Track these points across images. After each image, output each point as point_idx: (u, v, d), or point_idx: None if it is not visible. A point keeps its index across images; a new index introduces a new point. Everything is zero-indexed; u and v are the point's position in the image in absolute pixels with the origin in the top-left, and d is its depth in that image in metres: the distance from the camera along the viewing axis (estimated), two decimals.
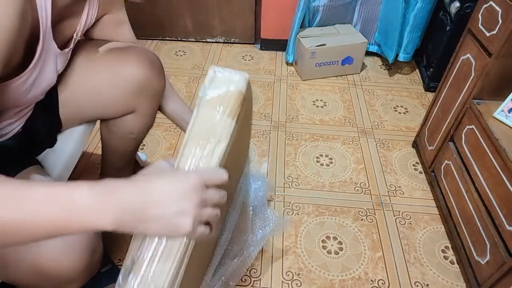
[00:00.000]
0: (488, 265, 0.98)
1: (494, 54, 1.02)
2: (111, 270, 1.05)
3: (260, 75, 2.01)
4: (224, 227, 0.85)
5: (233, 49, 2.23)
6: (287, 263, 1.15)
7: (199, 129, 0.51)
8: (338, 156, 1.53)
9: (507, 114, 1.02)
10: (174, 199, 0.45)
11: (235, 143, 0.56)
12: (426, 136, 1.43)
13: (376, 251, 1.19)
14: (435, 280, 1.12)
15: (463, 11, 1.59)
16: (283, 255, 1.17)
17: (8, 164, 0.72)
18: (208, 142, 0.51)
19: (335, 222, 1.27)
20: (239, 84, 0.53)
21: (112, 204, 0.43)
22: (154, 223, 0.44)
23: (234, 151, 0.59)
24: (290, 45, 1.97)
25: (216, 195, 0.49)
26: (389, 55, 1.94)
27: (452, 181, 1.20)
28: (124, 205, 0.43)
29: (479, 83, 1.08)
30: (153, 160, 1.46)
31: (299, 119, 1.72)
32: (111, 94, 0.86)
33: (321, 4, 1.91)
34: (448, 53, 1.35)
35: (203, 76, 1.98)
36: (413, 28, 1.82)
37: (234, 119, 0.52)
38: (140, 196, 0.44)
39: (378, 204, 1.34)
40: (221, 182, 0.49)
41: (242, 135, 0.67)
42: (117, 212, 0.43)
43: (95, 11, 0.79)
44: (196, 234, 0.48)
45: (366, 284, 1.11)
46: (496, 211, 0.96)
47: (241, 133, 0.61)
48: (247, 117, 0.66)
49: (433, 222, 1.28)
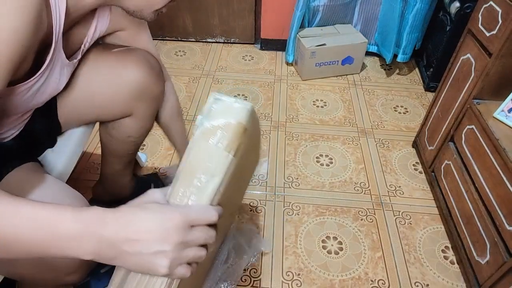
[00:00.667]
0: (488, 265, 0.98)
1: (494, 54, 1.02)
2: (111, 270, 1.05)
3: (260, 75, 2.01)
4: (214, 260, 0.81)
5: (233, 49, 2.23)
6: (287, 263, 1.15)
7: (192, 162, 0.47)
8: (338, 156, 1.53)
9: (507, 114, 1.02)
10: (154, 238, 0.44)
11: (234, 178, 0.52)
12: (426, 136, 1.43)
13: (376, 251, 1.19)
14: (435, 280, 1.12)
15: (463, 11, 1.59)
16: (283, 255, 1.17)
17: (8, 161, 0.72)
18: (201, 176, 0.47)
19: (335, 222, 1.27)
20: (240, 115, 0.48)
21: (92, 236, 0.43)
22: (132, 258, 0.44)
23: (233, 185, 0.54)
24: (290, 45, 1.97)
25: (202, 236, 0.47)
26: (387, 56, 1.94)
27: (452, 181, 1.20)
28: (104, 238, 0.43)
29: (479, 83, 1.08)
30: (153, 160, 1.46)
31: (299, 119, 1.72)
32: (108, 97, 0.86)
33: (321, 4, 1.91)
34: (448, 53, 1.36)
35: (203, 76, 1.98)
36: (412, 29, 1.82)
37: (231, 153, 0.47)
38: (121, 230, 0.44)
39: (378, 204, 1.34)
40: (209, 222, 0.47)
41: (244, 168, 0.62)
42: (96, 244, 0.43)
43: (105, 26, 0.78)
44: (175, 276, 0.46)
45: (366, 284, 1.11)
46: (496, 211, 0.96)
47: (242, 166, 0.56)
48: (251, 149, 0.61)
49: (433, 222, 1.28)
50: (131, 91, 0.85)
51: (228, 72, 2.03)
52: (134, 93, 0.86)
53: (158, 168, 1.43)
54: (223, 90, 1.88)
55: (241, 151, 0.50)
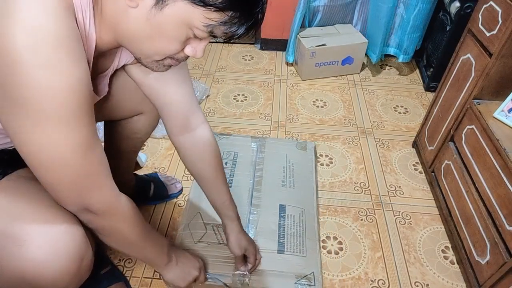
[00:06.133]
0: (488, 265, 0.98)
1: (494, 54, 1.02)
2: (111, 271, 1.05)
3: (260, 75, 2.01)
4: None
5: (233, 49, 2.23)
6: None
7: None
8: (338, 156, 1.53)
9: (507, 114, 1.02)
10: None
11: None
12: (426, 136, 1.43)
13: (376, 251, 1.19)
14: (435, 280, 1.12)
15: (463, 11, 1.59)
16: None
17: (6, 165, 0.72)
18: None
19: (335, 222, 1.27)
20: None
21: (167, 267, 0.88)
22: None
23: None
24: (290, 45, 1.97)
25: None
26: (372, 56, 1.95)
27: (452, 181, 1.20)
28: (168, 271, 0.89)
29: (479, 83, 1.08)
30: (153, 160, 1.46)
31: (299, 119, 1.72)
32: (121, 97, 0.86)
33: (321, 4, 1.91)
34: (448, 53, 1.35)
35: (203, 76, 1.98)
36: (412, 29, 1.82)
37: None
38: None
39: (378, 204, 1.34)
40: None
41: None
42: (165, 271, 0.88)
43: (130, 58, 0.76)
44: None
45: (366, 284, 1.11)
46: (496, 211, 0.96)
47: None
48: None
49: (433, 222, 1.28)
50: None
51: (228, 72, 2.03)
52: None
53: (158, 168, 1.43)
54: (223, 90, 1.88)
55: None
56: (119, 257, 1.13)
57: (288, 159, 1.38)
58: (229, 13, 0.52)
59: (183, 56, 0.61)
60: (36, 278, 0.62)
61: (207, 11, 0.51)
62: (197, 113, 0.85)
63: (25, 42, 0.46)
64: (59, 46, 0.48)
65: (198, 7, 0.51)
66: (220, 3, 0.51)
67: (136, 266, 1.11)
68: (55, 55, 0.48)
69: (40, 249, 0.61)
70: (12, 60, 0.46)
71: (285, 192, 1.26)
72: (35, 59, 0.47)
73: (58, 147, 0.53)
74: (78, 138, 0.54)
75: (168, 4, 0.51)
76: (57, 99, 0.50)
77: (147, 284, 1.07)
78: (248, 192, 1.25)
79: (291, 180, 1.30)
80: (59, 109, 0.50)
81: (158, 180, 1.30)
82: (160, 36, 0.56)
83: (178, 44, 0.58)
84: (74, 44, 0.51)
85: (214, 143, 0.88)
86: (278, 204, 1.21)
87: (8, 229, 0.62)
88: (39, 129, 0.51)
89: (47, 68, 0.48)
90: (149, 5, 0.52)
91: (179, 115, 0.82)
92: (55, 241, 0.63)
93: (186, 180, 1.38)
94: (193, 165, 0.89)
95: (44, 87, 0.48)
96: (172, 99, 0.80)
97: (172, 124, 0.84)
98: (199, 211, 1.17)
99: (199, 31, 0.55)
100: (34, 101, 0.48)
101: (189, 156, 0.88)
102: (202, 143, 0.86)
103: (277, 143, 1.47)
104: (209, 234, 1.11)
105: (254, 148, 1.42)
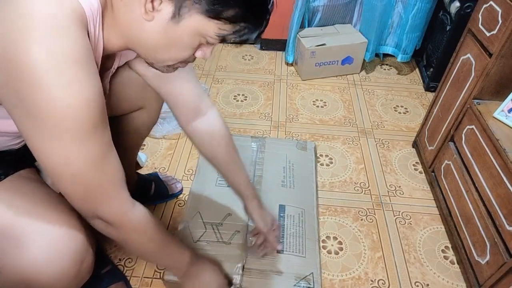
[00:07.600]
0: (488, 265, 0.98)
1: (494, 54, 1.02)
2: (111, 270, 1.05)
3: (260, 75, 2.01)
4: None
5: (233, 49, 2.23)
6: None
7: None
8: (338, 156, 1.53)
9: (507, 114, 1.02)
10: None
11: None
12: (426, 136, 1.43)
13: (376, 251, 1.19)
14: (435, 280, 1.12)
15: (463, 11, 1.59)
16: None
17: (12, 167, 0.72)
18: None
19: (335, 222, 1.27)
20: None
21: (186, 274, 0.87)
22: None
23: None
24: (290, 45, 1.97)
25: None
26: (365, 54, 1.95)
27: (452, 181, 1.20)
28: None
29: (479, 83, 1.08)
30: (153, 160, 1.46)
31: (299, 119, 1.72)
32: (122, 92, 0.86)
33: (321, 4, 1.91)
34: (448, 53, 1.35)
35: (203, 75, 1.98)
36: (411, 29, 1.83)
37: None
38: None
39: (378, 204, 1.34)
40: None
41: None
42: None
43: (132, 55, 0.77)
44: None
45: (366, 284, 1.11)
46: (496, 211, 0.96)
47: None
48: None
49: (433, 222, 1.28)
50: (144, 83, 0.83)
51: (228, 72, 2.03)
52: (146, 84, 0.84)
53: (158, 168, 1.43)
54: (223, 90, 1.88)
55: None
56: (120, 257, 1.13)
57: (288, 159, 1.38)
58: (241, 24, 0.55)
59: (193, 59, 0.63)
60: (35, 280, 0.62)
61: (220, 24, 0.54)
62: (205, 97, 0.87)
63: (45, 62, 0.47)
64: (76, 66, 0.50)
65: (213, 20, 0.53)
66: (233, 17, 0.53)
67: (136, 265, 1.11)
68: (72, 75, 0.50)
69: (40, 250, 0.62)
70: (32, 78, 0.47)
71: (285, 192, 1.26)
72: (55, 79, 0.48)
73: (74, 160, 0.55)
74: (92, 151, 0.56)
75: (184, 18, 0.53)
76: (75, 116, 0.51)
77: (147, 284, 1.07)
78: None
79: (291, 180, 1.30)
80: (75, 125, 0.52)
81: (159, 179, 1.30)
82: (175, 46, 0.58)
83: (191, 50, 0.60)
84: (89, 61, 0.53)
85: (225, 126, 0.91)
86: (278, 204, 1.21)
87: (8, 230, 0.62)
88: (56, 143, 0.53)
89: (65, 87, 0.49)
90: (165, 18, 0.54)
91: (189, 102, 0.84)
92: (56, 242, 0.63)
93: (186, 180, 1.38)
94: (209, 149, 0.91)
95: (64, 105, 0.50)
96: (182, 87, 0.82)
97: (184, 112, 0.86)
98: (198, 211, 1.17)
99: (212, 39, 0.57)
100: (53, 118, 0.50)
101: (204, 140, 0.89)
102: (214, 126, 0.89)
103: (277, 143, 1.47)
104: (209, 233, 1.11)
105: (254, 148, 1.42)
